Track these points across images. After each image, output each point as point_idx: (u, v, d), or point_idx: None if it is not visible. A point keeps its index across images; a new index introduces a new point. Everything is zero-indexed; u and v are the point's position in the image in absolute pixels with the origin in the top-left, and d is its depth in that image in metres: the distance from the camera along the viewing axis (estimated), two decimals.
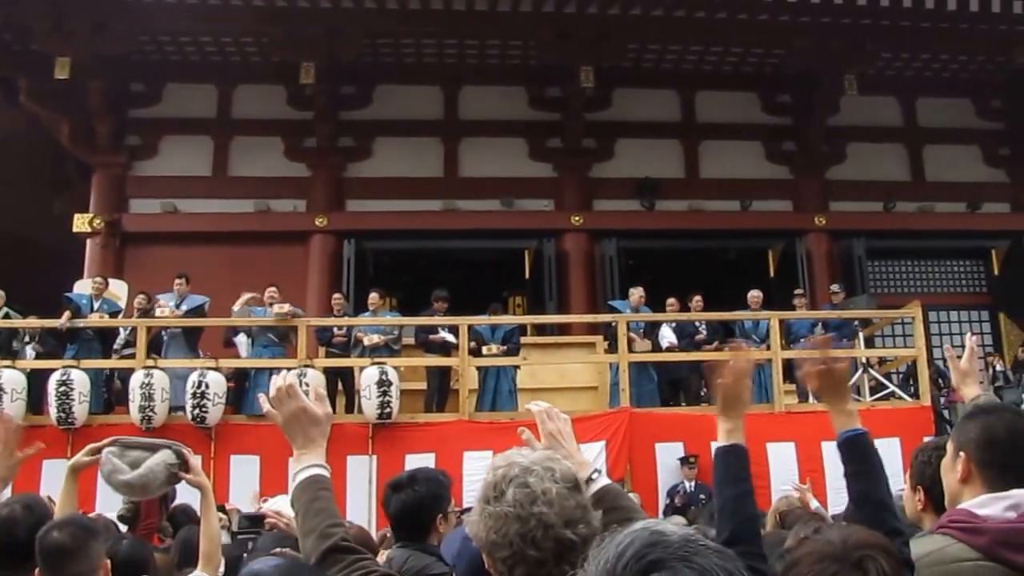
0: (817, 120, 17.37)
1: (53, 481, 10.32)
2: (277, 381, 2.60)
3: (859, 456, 2.73)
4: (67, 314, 12.47)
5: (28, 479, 10.70)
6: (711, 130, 17.68)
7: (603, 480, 2.58)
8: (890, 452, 10.84)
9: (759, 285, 14.28)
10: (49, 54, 15.05)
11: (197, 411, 11.26)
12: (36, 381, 11.75)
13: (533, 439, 2.68)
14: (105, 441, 4.26)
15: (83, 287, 14.00)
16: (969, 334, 3.80)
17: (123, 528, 6.61)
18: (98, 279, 13.62)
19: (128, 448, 4.21)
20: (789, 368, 12.37)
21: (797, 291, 14.68)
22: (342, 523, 2.41)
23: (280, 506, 5.31)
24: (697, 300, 13.59)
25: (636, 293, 13.35)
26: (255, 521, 4.79)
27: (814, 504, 6.59)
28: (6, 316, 12.87)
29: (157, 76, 17.13)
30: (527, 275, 16.82)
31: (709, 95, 17.74)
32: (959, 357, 3.62)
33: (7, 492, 3.77)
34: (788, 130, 17.85)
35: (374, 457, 11.29)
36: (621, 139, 17.36)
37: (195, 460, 4.28)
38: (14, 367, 11.71)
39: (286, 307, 12.35)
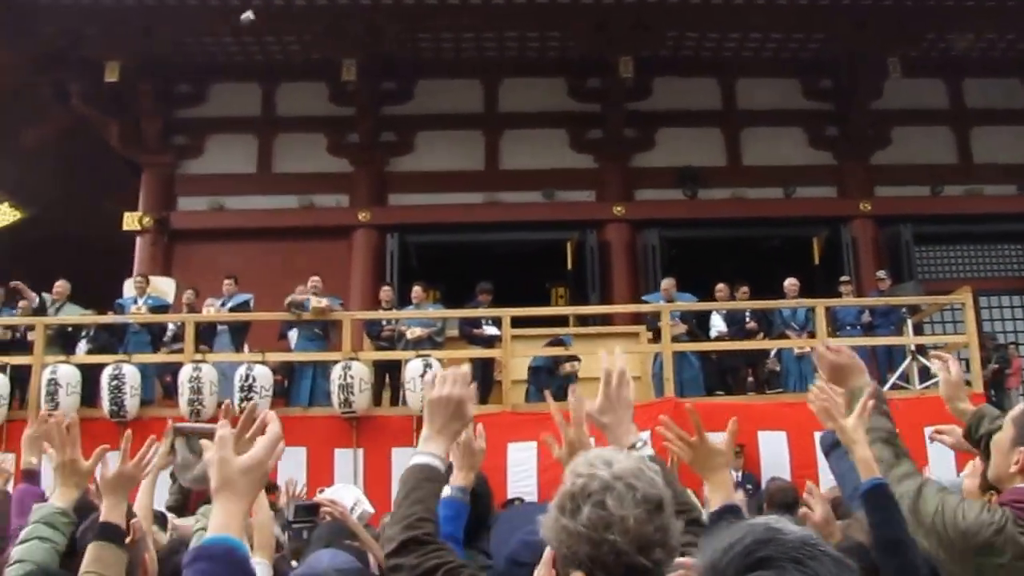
0: (860, 104, 17.18)
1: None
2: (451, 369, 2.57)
3: (884, 504, 2.79)
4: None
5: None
6: (753, 117, 17.54)
7: (647, 451, 2.58)
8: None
9: (803, 273, 14.19)
10: (99, 58, 15.34)
11: (245, 404, 11.42)
12: (89, 375, 12.02)
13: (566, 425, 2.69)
14: (169, 431, 4.42)
15: (130, 289, 14.28)
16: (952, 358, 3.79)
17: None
18: (139, 278, 13.95)
19: (189, 436, 4.37)
20: None
21: (843, 278, 14.48)
22: (432, 519, 2.36)
23: (337, 495, 5.42)
24: (744, 291, 13.56)
25: (665, 284, 13.33)
26: (310, 511, 4.85)
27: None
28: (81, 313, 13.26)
29: (202, 77, 17.39)
30: (569, 266, 16.82)
31: (750, 82, 17.61)
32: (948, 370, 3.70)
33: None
34: (831, 115, 17.67)
35: None
36: (662, 128, 17.30)
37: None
38: (69, 362, 12.01)
39: (324, 301, 12.50)
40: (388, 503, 10.27)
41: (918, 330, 14.07)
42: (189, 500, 6.66)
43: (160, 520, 5.98)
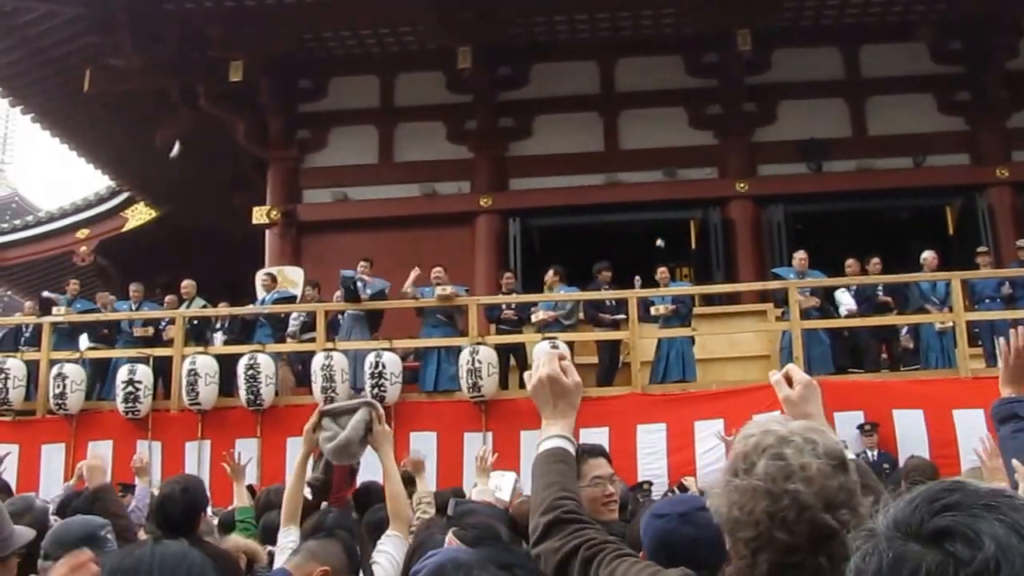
0: (994, 66, 16.53)
1: (245, 457, 10.96)
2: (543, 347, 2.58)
3: None
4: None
5: (223, 458, 11.35)
6: (878, 85, 17.04)
7: (850, 454, 2.30)
8: None
9: (937, 245, 13.81)
10: (222, 59, 15.74)
11: (376, 391, 11.64)
12: (225, 366, 12.40)
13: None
14: (318, 412, 4.61)
15: (259, 290, 14.66)
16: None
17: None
18: (264, 277, 14.27)
19: (336, 416, 4.57)
20: (974, 331, 11.98)
21: (980, 249, 13.95)
22: (572, 495, 2.26)
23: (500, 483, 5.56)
24: (875, 263, 13.25)
25: (799, 257, 13.12)
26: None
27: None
28: (203, 307, 13.67)
29: (322, 71, 17.69)
30: (693, 245, 16.69)
31: (874, 48, 17.10)
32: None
33: None
34: (962, 79, 17.01)
35: None
36: (783, 101, 16.97)
37: (386, 429, 4.58)
38: (207, 353, 12.41)
39: (448, 289, 12.66)
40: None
41: None
42: (331, 482, 6.80)
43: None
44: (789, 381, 2.52)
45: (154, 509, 4.49)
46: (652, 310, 12.65)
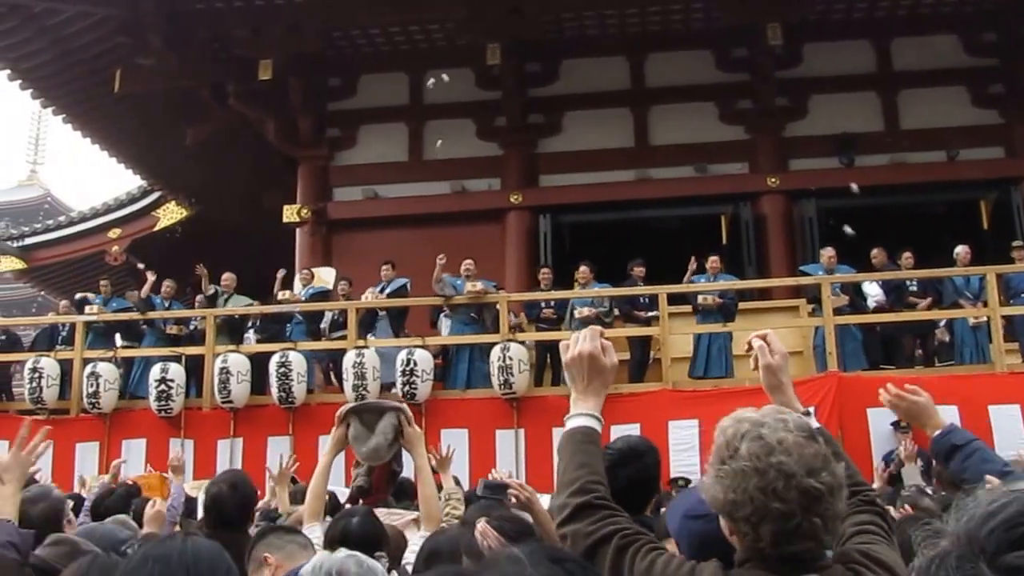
0: None
1: (277, 455, 11.00)
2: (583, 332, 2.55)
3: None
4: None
5: (255, 455, 11.43)
6: (910, 78, 16.87)
7: (813, 421, 2.42)
8: None
9: (971, 239, 13.67)
10: (252, 58, 15.80)
11: (407, 388, 11.66)
12: (257, 363, 12.44)
13: None
14: (344, 410, 4.63)
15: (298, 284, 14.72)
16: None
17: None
18: (304, 272, 14.34)
19: (361, 413, 4.59)
20: (1009, 326, 11.86)
21: (1015, 243, 13.71)
22: (602, 480, 2.31)
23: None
24: (907, 257, 13.13)
25: (826, 253, 13.03)
26: (496, 490, 4.93)
27: None
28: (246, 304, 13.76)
29: (351, 69, 17.73)
30: (724, 241, 16.61)
31: (906, 41, 16.92)
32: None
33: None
34: (995, 72, 16.81)
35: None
36: (814, 95, 16.83)
37: (417, 430, 4.61)
38: (239, 351, 12.46)
39: (479, 285, 12.64)
40: (550, 483, 10.40)
41: None
42: (373, 482, 6.85)
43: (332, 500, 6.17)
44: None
45: (206, 508, 4.50)
46: (700, 299, 12.61)
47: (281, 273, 14.11)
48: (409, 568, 3.91)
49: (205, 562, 2.29)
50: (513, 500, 4.66)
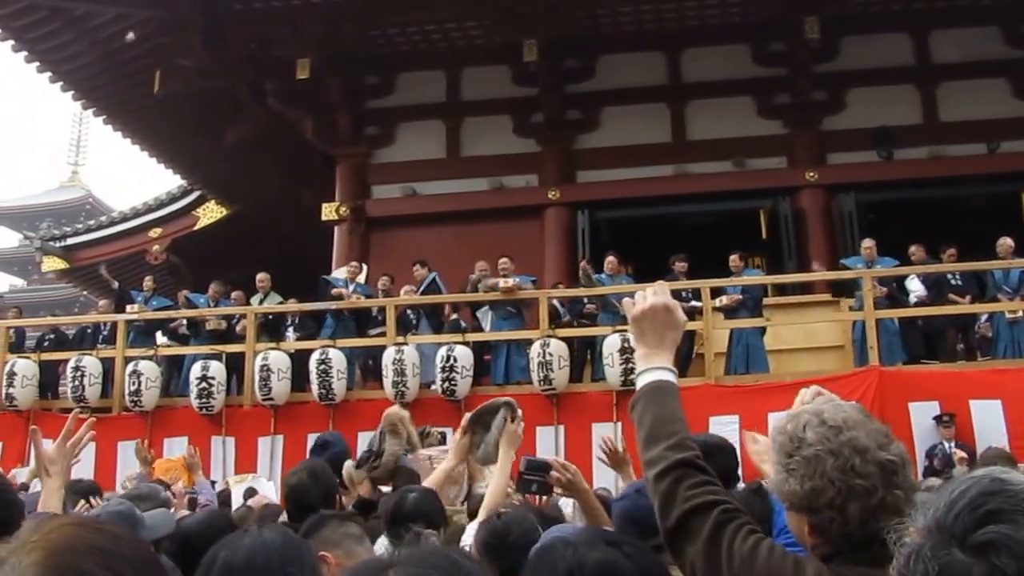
0: None
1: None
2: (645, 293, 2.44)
3: None
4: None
5: (295, 452, 11.50)
6: (949, 71, 16.70)
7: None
8: None
9: (1013, 232, 13.55)
10: (290, 57, 15.88)
11: (446, 384, 11.69)
12: (298, 361, 12.52)
13: None
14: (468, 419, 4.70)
15: (340, 271, 14.77)
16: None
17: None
18: (353, 264, 14.44)
19: (476, 420, 4.61)
20: None
21: None
22: (694, 442, 2.18)
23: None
24: (951, 254, 12.99)
25: (866, 246, 12.95)
26: (542, 467, 4.94)
27: None
28: (279, 302, 13.84)
29: (389, 67, 17.78)
30: (764, 235, 16.53)
31: (944, 33, 16.76)
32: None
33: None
34: None
35: (619, 424, 11.40)
36: (852, 89, 16.71)
37: (516, 429, 4.61)
38: (279, 349, 12.54)
39: (511, 281, 12.66)
40: (589, 479, 10.36)
41: None
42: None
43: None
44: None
45: (287, 498, 4.53)
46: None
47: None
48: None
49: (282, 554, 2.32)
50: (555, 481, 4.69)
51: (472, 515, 4.53)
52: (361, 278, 14.75)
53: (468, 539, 3.90)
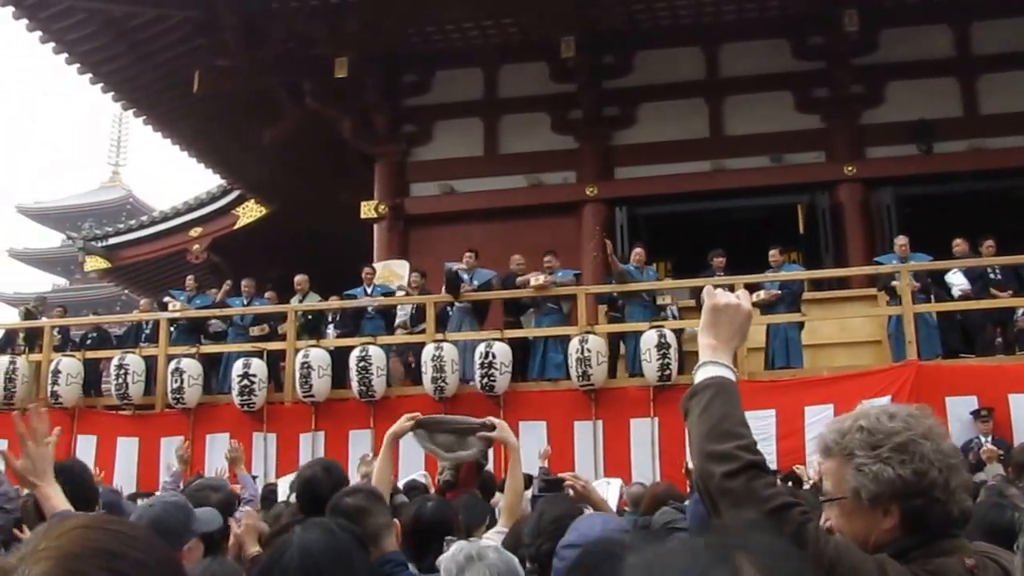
0: None
1: (359, 448, 11.17)
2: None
3: None
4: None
5: (337, 448, 11.61)
6: (990, 62, 16.48)
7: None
8: None
9: None
10: (327, 56, 15.97)
11: (485, 380, 11.74)
12: (338, 358, 12.61)
13: None
14: (411, 421, 4.68)
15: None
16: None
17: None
18: (367, 270, 14.41)
19: (435, 432, 4.63)
20: None
21: None
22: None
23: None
24: (989, 245, 12.91)
25: (899, 243, 12.89)
26: (553, 484, 5.03)
27: None
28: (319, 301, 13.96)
29: (426, 65, 17.83)
30: (801, 230, 16.47)
31: (986, 25, 16.55)
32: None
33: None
34: None
35: (655, 419, 11.42)
36: (892, 82, 16.54)
37: (500, 422, 4.66)
38: (319, 346, 12.64)
39: (541, 278, 12.69)
40: (627, 473, 10.38)
41: None
42: (459, 476, 6.93)
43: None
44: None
45: (299, 492, 4.64)
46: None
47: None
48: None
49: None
50: (570, 491, 4.74)
51: None
52: (402, 271, 14.84)
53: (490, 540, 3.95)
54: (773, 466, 10.13)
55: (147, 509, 3.65)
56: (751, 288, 12.37)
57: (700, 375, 2.26)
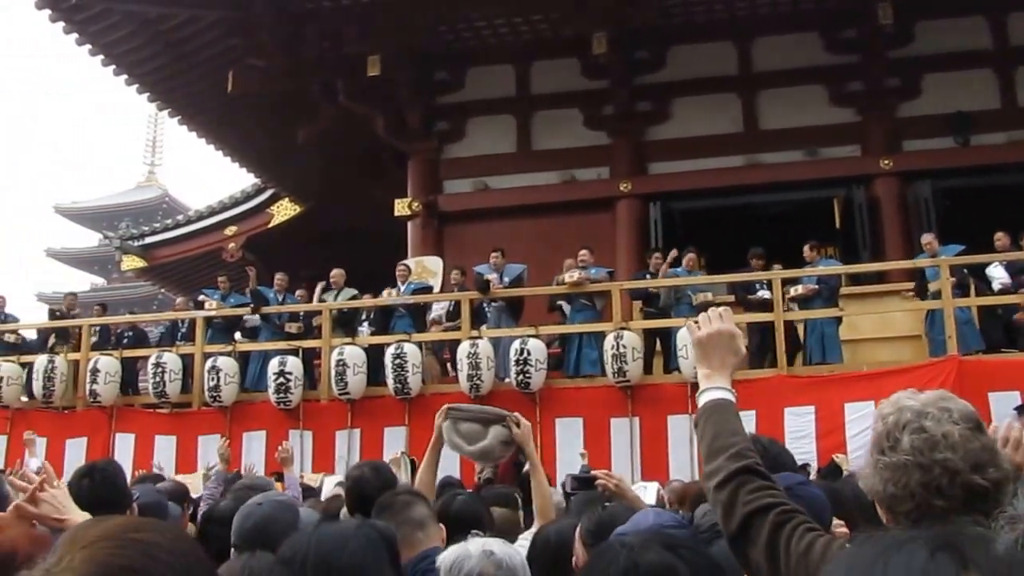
0: None
1: (394, 445, 11.17)
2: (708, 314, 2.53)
3: None
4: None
5: (372, 446, 11.64)
6: None
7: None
8: None
9: None
10: (360, 54, 16.01)
11: (521, 377, 11.72)
12: (373, 355, 12.63)
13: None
14: (441, 410, 4.74)
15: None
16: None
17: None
18: (401, 267, 14.49)
19: (460, 421, 4.65)
20: None
21: None
22: (755, 449, 2.27)
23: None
24: None
25: (926, 241, 12.77)
26: (585, 482, 5.03)
27: None
28: (352, 297, 13.96)
29: (459, 63, 17.85)
30: (838, 225, 16.35)
31: (1023, 15, 16.45)
32: None
33: None
34: None
35: (694, 416, 11.34)
36: (927, 74, 16.40)
37: (525, 424, 4.68)
38: (354, 344, 12.66)
39: (575, 275, 12.66)
40: (665, 471, 10.33)
41: None
42: (497, 474, 6.98)
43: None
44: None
45: (348, 491, 4.66)
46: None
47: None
48: None
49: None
50: (602, 490, 4.72)
51: None
52: (435, 268, 14.85)
53: (522, 546, 3.94)
54: (813, 465, 10.08)
55: (256, 507, 3.70)
56: (787, 283, 12.33)
57: (700, 403, 2.44)
